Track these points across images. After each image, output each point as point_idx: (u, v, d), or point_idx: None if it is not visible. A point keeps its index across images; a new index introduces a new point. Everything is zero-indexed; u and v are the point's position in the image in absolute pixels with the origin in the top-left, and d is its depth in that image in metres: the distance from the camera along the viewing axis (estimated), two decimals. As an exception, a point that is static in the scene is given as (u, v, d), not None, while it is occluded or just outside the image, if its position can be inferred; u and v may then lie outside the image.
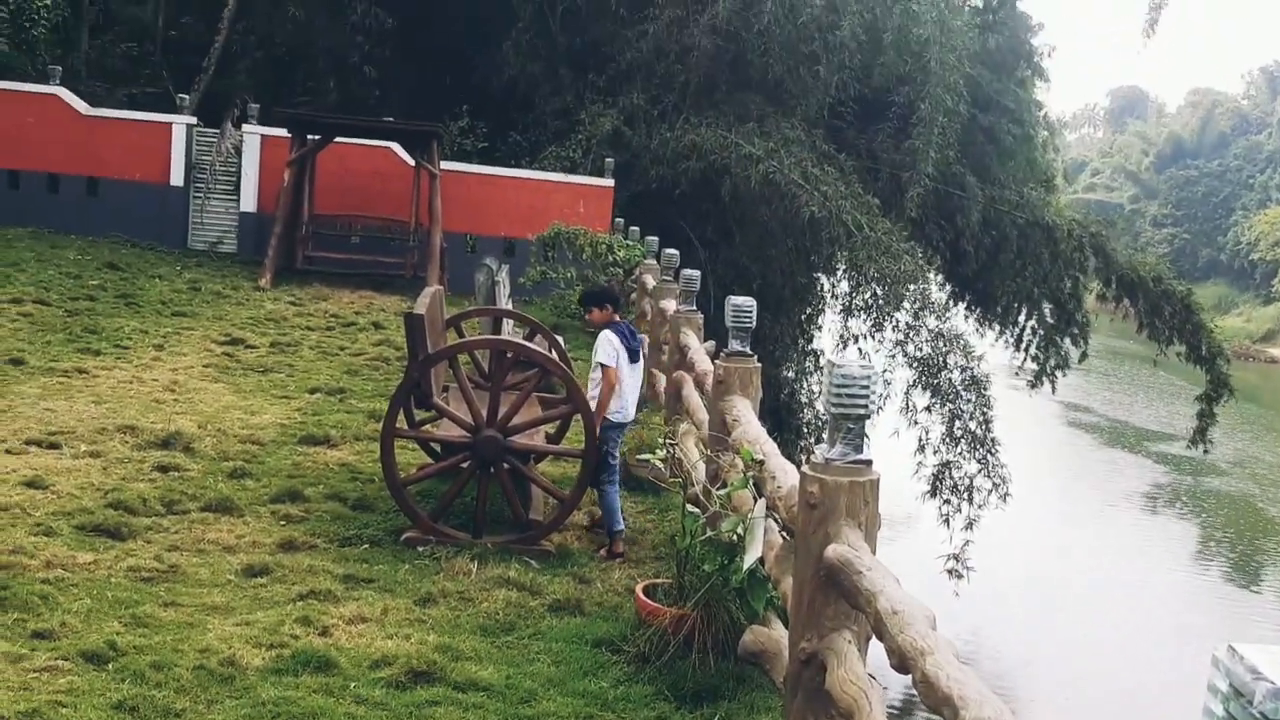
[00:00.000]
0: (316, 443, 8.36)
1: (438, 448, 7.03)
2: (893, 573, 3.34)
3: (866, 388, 3.68)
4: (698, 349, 7.91)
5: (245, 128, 17.90)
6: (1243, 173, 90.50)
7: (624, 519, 6.72)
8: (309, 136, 16.44)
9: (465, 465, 6.38)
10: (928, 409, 18.72)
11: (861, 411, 3.70)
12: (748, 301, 6.08)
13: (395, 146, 17.78)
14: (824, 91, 20.33)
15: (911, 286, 17.85)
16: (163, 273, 15.56)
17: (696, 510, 5.23)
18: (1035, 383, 26.66)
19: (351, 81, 22.18)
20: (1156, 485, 32.12)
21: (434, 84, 22.34)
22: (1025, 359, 26.88)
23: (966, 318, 26.52)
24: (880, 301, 18.60)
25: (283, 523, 6.59)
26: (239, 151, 17.80)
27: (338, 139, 16.70)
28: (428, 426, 7.58)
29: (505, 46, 21.26)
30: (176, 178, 17.99)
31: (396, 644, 5.02)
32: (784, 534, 4.97)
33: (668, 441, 5.63)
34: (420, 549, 6.24)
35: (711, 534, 4.94)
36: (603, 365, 6.43)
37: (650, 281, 12.58)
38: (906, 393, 18.81)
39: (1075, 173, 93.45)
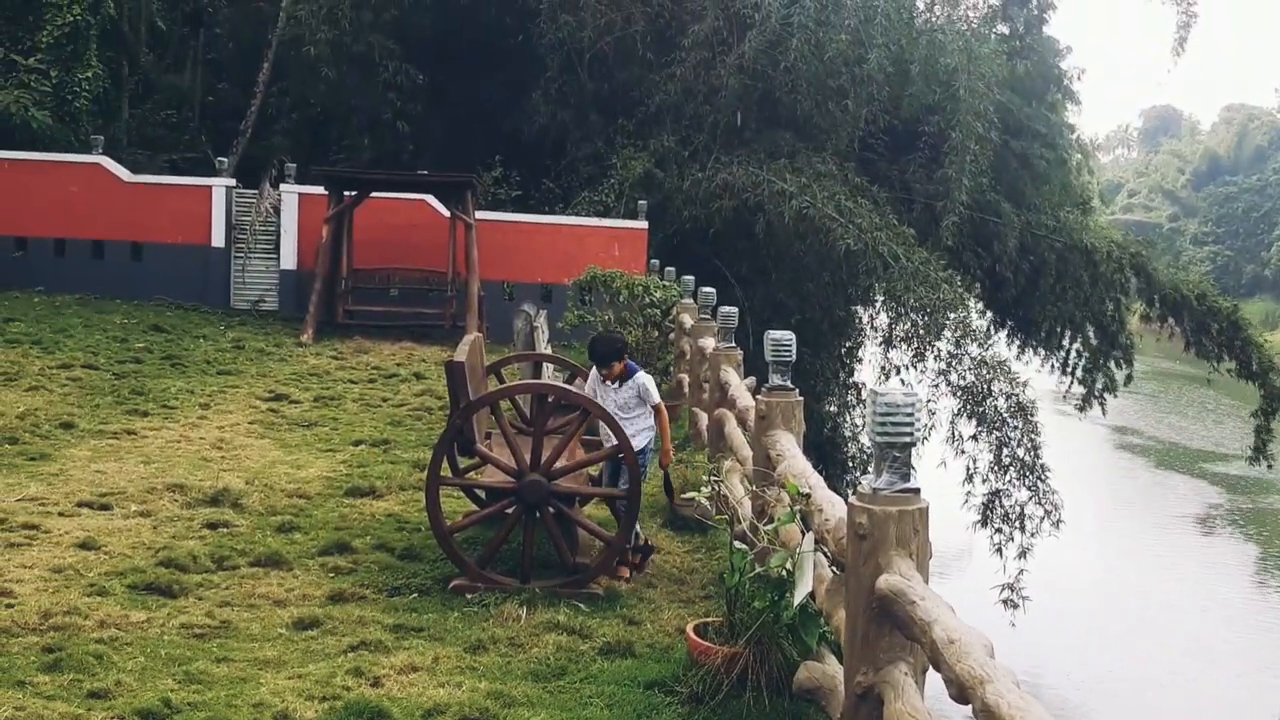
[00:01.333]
0: (362, 494, 8.40)
1: (483, 494, 7.04)
2: (947, 601, 3.29)
3: (910, 415, 3.65)
4: (738, 385, 7.89)
5: (283, 187, 18.18)
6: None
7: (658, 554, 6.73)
8: (345, 193, 16.66)
9: (510, 510, 6.37)
10: (974, 437, 18.54)
11: (906, 439, 3.66)
12: (786, 335, 6.06)
13: (430, 199, 17.99)
14: (853, 125, 20.38)
15: (951, 315, 17.73)
16: (207, 333, 15.77)
17: (744, 547, 5.18)
18: (1083, 406, 26.39)
19: (386, 138, 22.51)
20: (1212, 505, 31.52)
21: (466, 135, 22.64)
22: (1071, 383, 26.63)
23: (1009, 344, 26.35)
24: (920, 331, 18.50)
25: (331, 575, 6.61)
26: (278, 211, 18.07)
27: (373, 194, 16.93)
28: (472, 474, 7.60)
29: (535, 95, 21.53)
30: (218, 239, 18.27)
31: (448, 692, 5.00)
32: (833, 568, 4.92)
33: (712, 479, 5.59)
34: (469, 596, 6.22)
35: (760, 570, 4.90)
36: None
37: (688, 320, 12.58)
38: (952, 422, 18.65)
39: (1111, 194, 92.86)
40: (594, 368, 6.98)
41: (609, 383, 6.81)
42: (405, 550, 7.03)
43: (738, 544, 5.23)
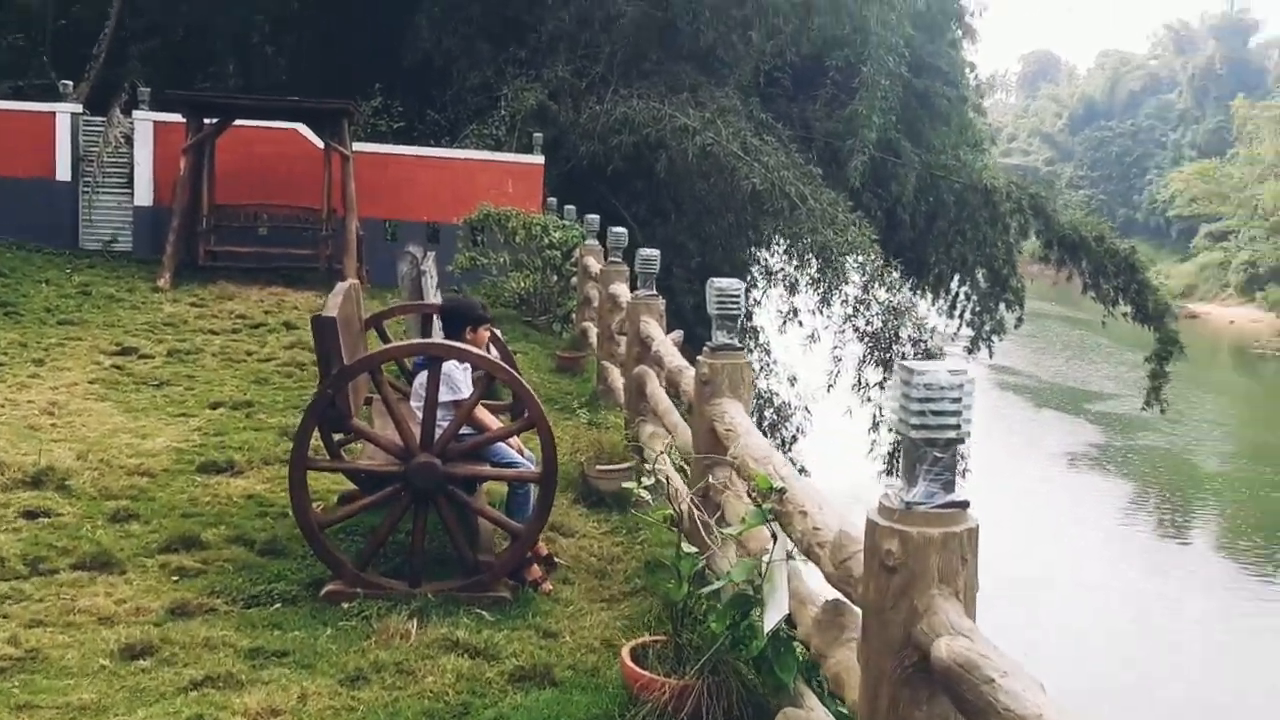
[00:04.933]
0: (218, 470, 7.12)
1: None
2: (1035, 676, 2.29)
3: (959, 402, 2.62)
4: (663, 340, 6.83)
5: (136, 114, 16.39)
6: (1155, 132, 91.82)
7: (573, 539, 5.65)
8: (205, 120, 15.00)
9: (398, 497, 5.22)
10: (880, 384, 17.91)
11: (952, 435, 2.64)
12: (733, 284, 5.01)
13: (302, 128, 16.38)
14: (758, 58, 19.36)
15: (860, 258, 16.94)
16: (50, 276, 14.08)
17: (693, 550, 4.15)
18: (972, 348, 26.09)
19: (254, 64, 20.70)
20: (1092, 444, 31.86)
21: (343, 63, 20.91)
22: (960, 325, 26.33)
23: (900, 286, 25.86)
24: (828, 274, 17.68)
25: (174, 579, 5.38)
26: (130, 140, 16.28)
27: (237, 121, 15.27)
28: (350, 451, 6.44)
29: (418, 20, 19.95)
30: (63, 172, 16.44)
31: (319, 745, 3.89)
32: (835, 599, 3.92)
33: (656, 466, 4.52)
34: (345, 606, 5.07)
35: (718, 583, 3.87)
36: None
37: (594, 265, 11.47)
38: (858, 368, 17.97)
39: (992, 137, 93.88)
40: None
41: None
42: (268, 544, 5.81)
43: (686, 546, 4.19)
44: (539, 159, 17.39)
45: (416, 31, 19.85)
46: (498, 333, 6.82)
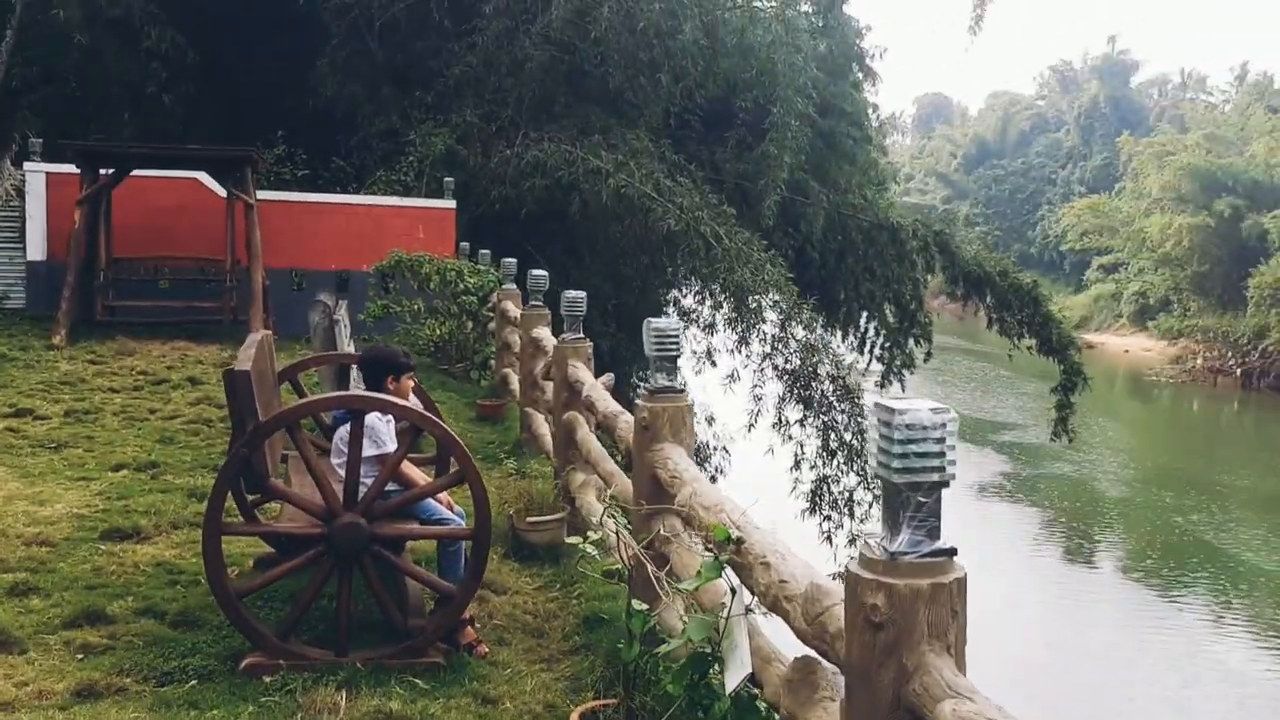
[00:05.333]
0: (123, 537, 6.69)
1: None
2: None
3: (943, 442, 2.46)
4: (594, 385, 6.61)
5: (27, 165, 15.73)
6: (1045, 169, 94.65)
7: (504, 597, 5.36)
8: (101, 171, 14.45)
9: (321, 560, 4.90)
10: (800, 422, 17.89)
11: (936, 478, 2.47)
12: (671, 324, 4.83)
13: (203, 176, 15.87)
14: (667, 100, 19.36)
15: (776, 296, 16.94)
16: (-66, 337, 13.37)
17: (643, 607, 3.92)
18: (883, 383, 26.31)
19: (150, 114, 20.08)
20: (1000, 473, 32.31)
21: (243, 111, 20.42)
22: (870, 361, 26.57)
23: (816, 324, 26.05)
24: (744, 313, 17.64)
25: (79, 657, 4.96)
26: (21, 193, 15.62)
27: (135, 171, 14.73)
28: (266, 511, 6.09)
29: (321, 65, 19.58)
30: (-52, 227, 15.70)
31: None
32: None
33: (605, 517, 4.29)
34: (267, 679, 4.72)
35: (673, 642, 3.64)
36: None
37: (513, 309, 11.23)
38: (778, 406, 17.94)
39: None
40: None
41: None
42: (180, 615, 5.43)
43: (636, 603, 3.97)
44: (450, 204, 17.12)
45: (319, 78, 19.49)
46: (416, 382, 6.56)
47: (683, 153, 19.92)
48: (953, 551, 2.50)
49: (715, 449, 19.55)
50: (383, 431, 5.15)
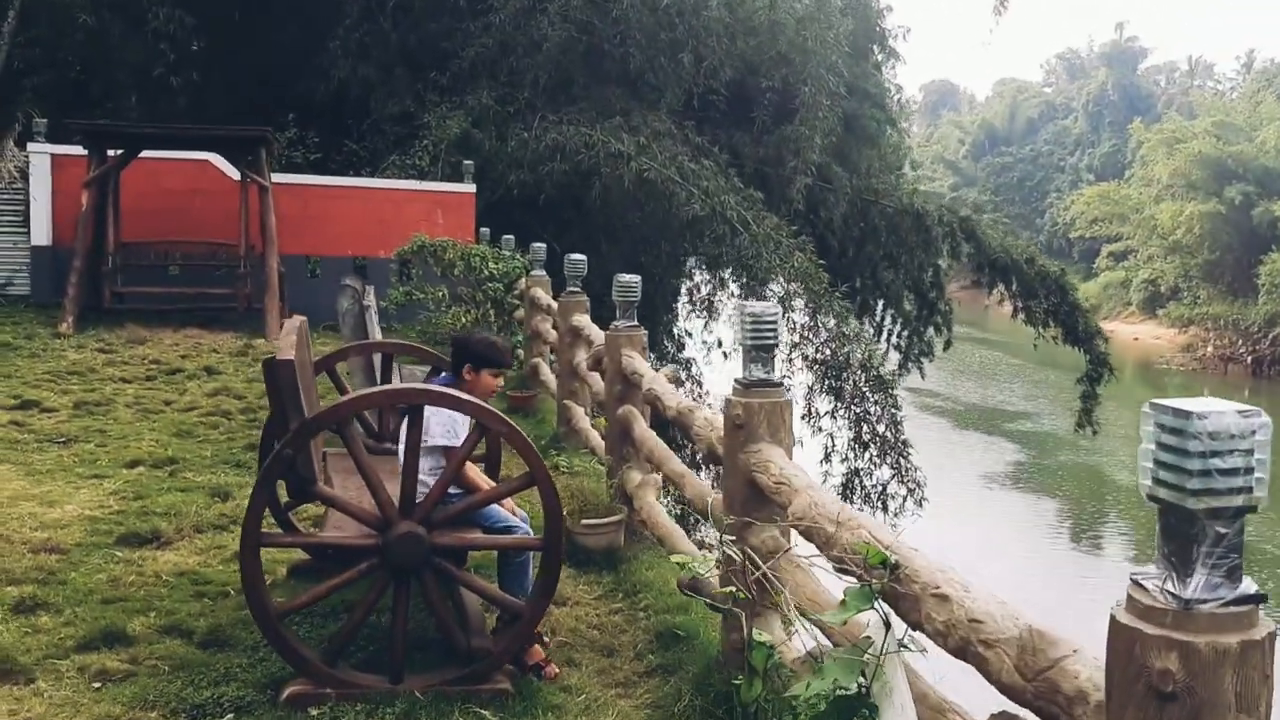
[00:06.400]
0: (142, 542, 6.13)
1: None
2: None
3: (1251, 454, 1.88)
4: (655, 377, 6.02)
5: (31, 146, 15.12)
6: (1054, 156, 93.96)
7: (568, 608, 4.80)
8: (109, 152, 13.85)
9: (371, 573, 4.32)
10: (831, 414, 17.31)
11: (1242, 501, 1.90)
12: (769, 310, 4.24)
13: (215, 158, 15.27)
14: (689, 81, 18.71)
15: (810, 284, 16.34)
16: (-64, 326, 12.81)
17: (765, 638, 3.35)
18: (901, 371, 25.76)
19: (157, 96, 19.43)
20: (1013, 462, 31.79)
21: (253, 93, 19.81)
22: (887, 350, 26.01)
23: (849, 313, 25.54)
24: (777, 302, 17.02)
25: (96, 686, 4.39)
26: (25, 175, 15.02)
27: (144, 153, 14.14)
28: (297, 516, 5.52)
29: (332, 47, 18.96)
30: (-51, 212, 15.10)
31: None
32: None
33: (725, 540, 3.69)
34: (314, 712, 4.16)
35: (817, 684, 3.06)
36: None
37: (544, 296, 10.66)
38: (807, 397, 17.35)
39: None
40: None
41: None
42: (209, 634, 4.86)
43: (760, 635, 3.38)
44: (470, 188, 16.52)
45: (330, 60, 18.87)
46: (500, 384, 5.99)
47: (705, 135, 19.30)
48: (1261, 598, 1.91)
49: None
50: (459, 419, 4.58)
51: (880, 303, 26.35)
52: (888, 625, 2.97)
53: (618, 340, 6.66)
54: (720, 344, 20.66)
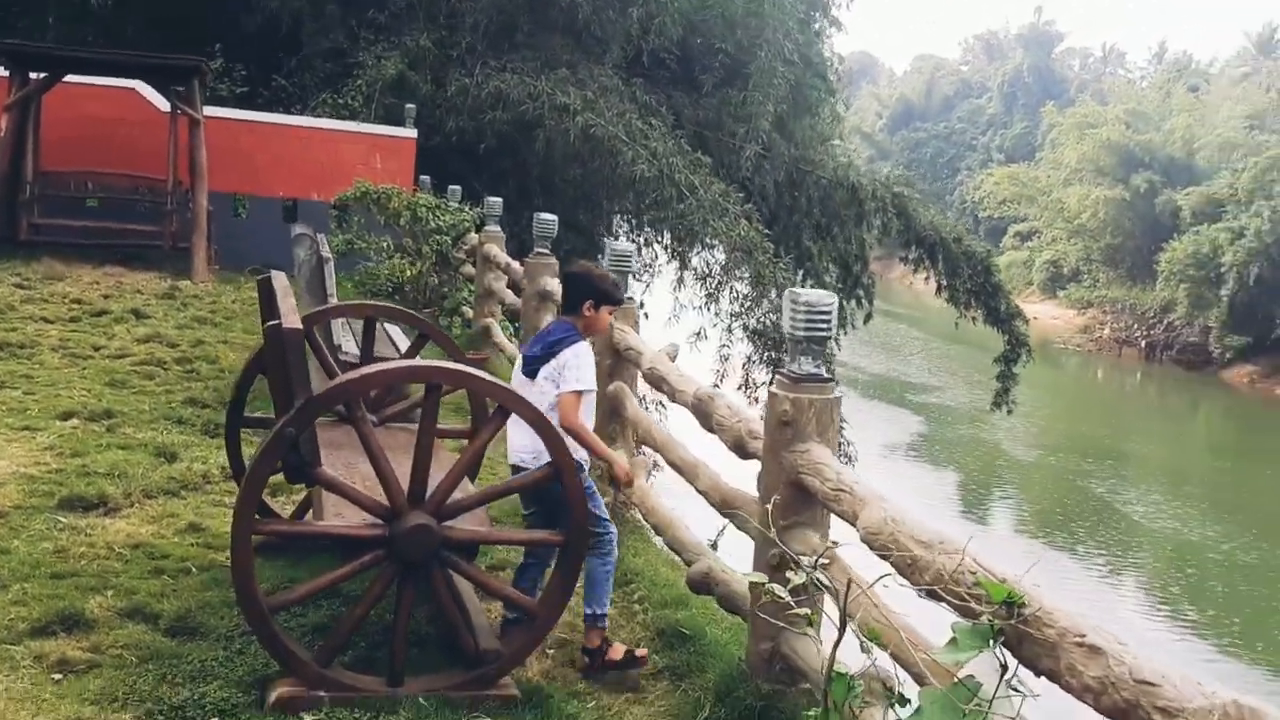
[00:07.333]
0: (87, 507, 5.61)
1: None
2: None
3: None
4: (657, 355, 5.69)
5: (-61, 64, 14.04)
6: (966, 135, 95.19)
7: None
8: (31, 75, 12.91)
9: (375, 566, 3.94)
10: (769, 384, 17.15)
11: None
12: (825, 298, 3.93)
13: (142, 87, 14.37)
14: (638, 36, 18.21)
15: (755, 254, 16.09)
16: None
17: (849, 670, 3.06)
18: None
19: (74, 18, 18.29)
20: (917, 434, 32.27)
21: (178, 20, 18.73)
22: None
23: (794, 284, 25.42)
24: (718, 271, 16.77)
25: (57, 678, 3.94)
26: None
27: (68, 78, 13.20)
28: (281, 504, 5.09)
29: (262, -25, 18.03)
30: None
31: None
32: None
33: (814, 557, 3.37)
34: (307, 717, 3.77)
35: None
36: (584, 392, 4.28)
37: (499, 253, 10.21)
38: (745, 367, 17.18)
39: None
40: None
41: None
42: (178, 619, 4.42)
43: (838, 664, 3.08)
44: (411, 133, 15.88)
45: (260, -12, 17.96)
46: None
47: (652, 95, 18.86)
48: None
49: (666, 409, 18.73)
50: (588, 363, 4.29)
51: (800, 274, 26.26)
52: (1004, 668, 2.70)
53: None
54: (643, 306, 20.34)
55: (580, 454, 4.28)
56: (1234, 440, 36.13)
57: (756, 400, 17.14)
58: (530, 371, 4.38)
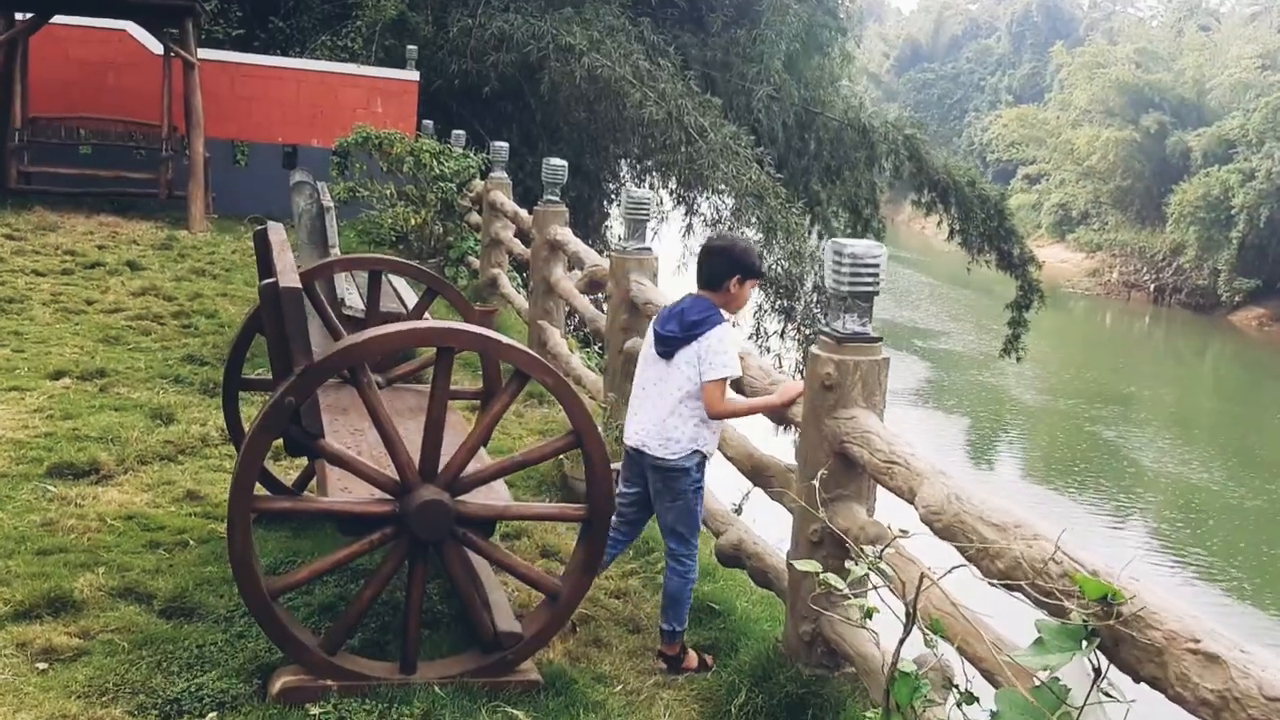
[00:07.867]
0: (78, 474, 5.31)
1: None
2: None
3: None
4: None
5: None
6: (974, 75, 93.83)
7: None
8: (17, 15, 12.43)
9: (386, 543, 3.63)
10: (780, 334, 16.82)
11: None
12: (872, 250, 3.58)
13: (133, 28, 13.88)
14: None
15: (766, 199, 15.66)
16: None
17: (913, 668, 2.75)
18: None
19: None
20: (925, 380, 32.01)
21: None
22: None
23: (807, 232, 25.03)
24: (728, 216, 16.35)
25: (41, 668, 3.65)
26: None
27: (56, 19, 12.73)
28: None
29: (257, -88, 17.45)
30: None
31: None
32: None
33: (879, 548, 3.04)
34: (315, 710, 3.49)
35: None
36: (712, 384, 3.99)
37: (506, 201, 9.83)
38: (756, 316, 16.82)
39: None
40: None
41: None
42: (173, 599, 4.12)
43: (904, 662, 2.77)
44: (413, 76, 15.39)
45: (256, -74, 17.38)
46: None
47: (660, 34, 18.31)
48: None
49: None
50: (731, 346, 4.00)
51: (809, 218, 25.80)
52: (1097, 673, 2.39)
53: (625, 263, 5.94)
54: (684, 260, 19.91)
55: (709, 447, 4.05)
56: (1243, 384, 35.84)
57: (768, 350, 16.82)
58: (666, 353, 4.04)
